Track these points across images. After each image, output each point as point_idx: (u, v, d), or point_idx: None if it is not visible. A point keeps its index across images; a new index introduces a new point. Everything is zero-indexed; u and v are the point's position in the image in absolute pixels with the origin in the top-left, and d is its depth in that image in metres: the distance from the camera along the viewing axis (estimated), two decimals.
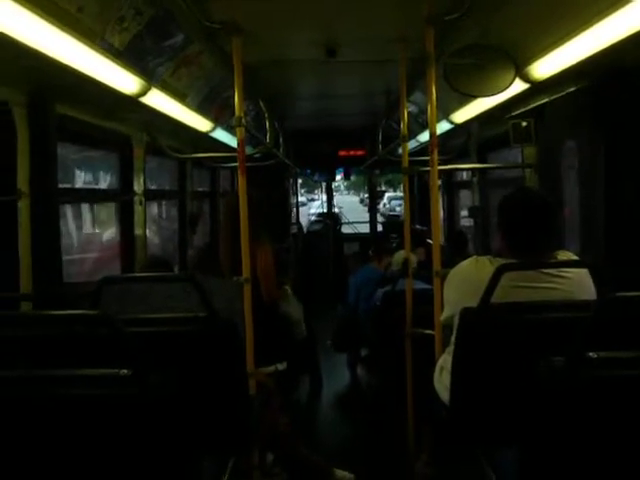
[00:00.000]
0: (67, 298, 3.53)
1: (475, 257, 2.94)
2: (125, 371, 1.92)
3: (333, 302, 8.08)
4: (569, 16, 2.89)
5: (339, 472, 4.15)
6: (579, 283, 2.73)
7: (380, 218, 14.77)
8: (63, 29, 2.52)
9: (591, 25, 2.73)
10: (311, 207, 24.57)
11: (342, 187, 49.97)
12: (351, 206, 29.14)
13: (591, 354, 1.93)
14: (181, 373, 2.07)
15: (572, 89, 3.65)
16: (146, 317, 2.65)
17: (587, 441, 1.99)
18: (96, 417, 1.94)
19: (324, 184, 12.45)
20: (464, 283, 2.87)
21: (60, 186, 3.68)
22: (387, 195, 32.67)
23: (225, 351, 2.64)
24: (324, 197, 12.43)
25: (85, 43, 2.73)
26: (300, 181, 13.61)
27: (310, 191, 35.69)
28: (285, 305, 4.55)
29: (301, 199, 13.67)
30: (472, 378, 2.59)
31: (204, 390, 2.48)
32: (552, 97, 3.92)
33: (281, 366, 4.05)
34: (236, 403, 2.69)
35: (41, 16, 2.35)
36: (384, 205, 31.23)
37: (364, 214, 15.79)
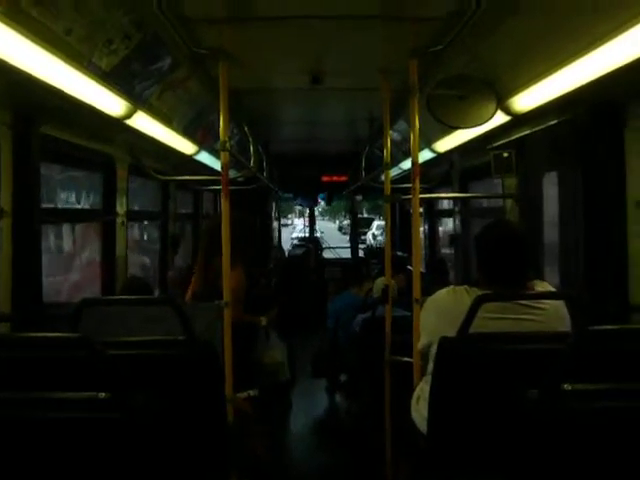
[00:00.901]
0: (46, 319, 3.51)
1: (452, 287, 2.96)
2: (103, 394, 1.92)
3: (314, 327, 8.07)
4: (551, 51, 2.94)
5: None
6: (555, 314, 2.76)
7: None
8: (50, 51, 2.54)
9: (572, 60, 2.78)
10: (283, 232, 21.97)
11: (316, 212, 48.71)
12: (329, 233, 25.82)
13: (566, 386, 1.95)
14: (160, 396, 2.07)
15: (553, 122, 3.70)
16: (125, 340, 2.64)
17: (563, 471, 2.00)
18: (74, 440, 1.93)
19: (299, 208, 12.55)
20: (441, 312, 2.89)
21: (43, 206, 3.67)
22: (376, 224, 28.78)
23: (204, 375, 2.63)
24: (298, 221, 12.52)
25: (72, 65, 2.75)
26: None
27: (283, 216, 33.88)
28: (267, 348, 4.54)
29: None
30: (450, 407, 2.60)
31: (182, 414, 2.47)
32: (533, 129, 3.98)
33: (253, 392, 4.03)
34: (214, 428, 2.68)
35: (28, 37, 2.37)
36: (373, 237, 27.44)
37: (342, 243, 15.63)
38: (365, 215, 28.52)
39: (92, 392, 1.92)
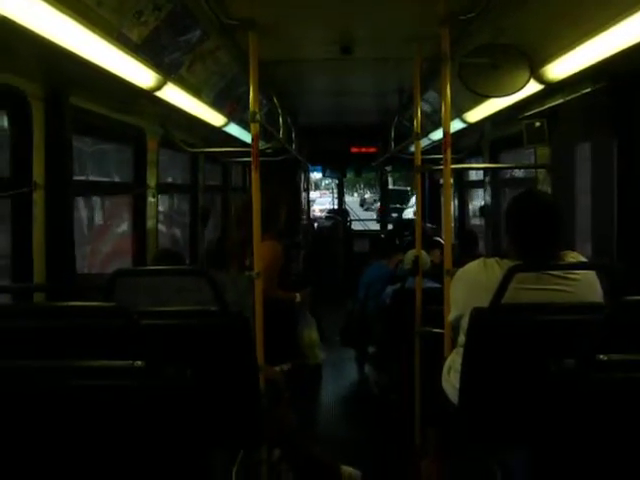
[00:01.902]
0: (80, 289, 3.55)
1: (483, 259, 2.94)
2: (139, 363, 1.94)
3: (343, 298, 8.09)
4: (586, 17, 2.89)
5: (346, 469, 4.16)
6: (586, 285, 2.74)
7: None
8: (81, 22, 2.53)
9: (608, 27, 2.73)
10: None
11: (333, 185, 46.70)
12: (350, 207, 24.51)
13: (602, 356, 1.94)
14: (193, 366, 2.09)
15: (587, 90, 3.64)
16: (158, 310, 2.67)
17: (596, 443, 2.00)
18: (109, 408, 1.96)
19: (316, 181, 12.59)
20: (472, 284, 2.88)
21: (75, 178, 3.70)
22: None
23: (236, 345, 2.65)
24: (315, 194, 12.53)
25: (103, 37, 2.74)
26: None
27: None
28: (303, 327, 4.58)
29: None
30: (481, 378, 2.60)
31: (215, 383, 2.49)
32: (567, 98, 3.91)
33: (286, 366, 4.06)
34: (246, 397, 2.70)
35: (59, 9, 2.36)
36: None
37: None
38: (395, 187, 26.97)
39: (128, 360, 1.95)
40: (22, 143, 3.26)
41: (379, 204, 14.23)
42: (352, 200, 39.53)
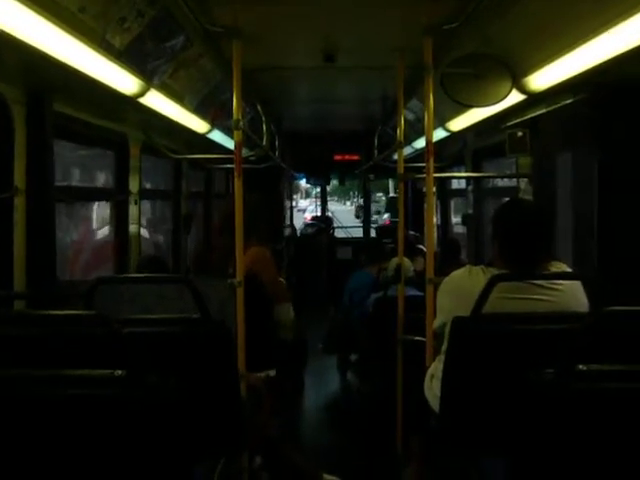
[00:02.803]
0: (60, 297, 3.53)
1: (469, 267, 2.95)
2: (120, 372, 1.93)
3: (326, 306, 8.09)
4: (567, 29, 2.91)
5: (328, 477, 4.15)
6: (571, 295, 2.75)
7: None
8: (64, 28, 2.52)
9: (589, 38, 2.75)
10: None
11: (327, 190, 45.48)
12: (340, 217, 21.68)
13: (581, 367, 1.95)
14: (174, 374, 2.08)
15: (568, 101, 3.67)
16: (139, 318, 2.66)
17: (576, 453, 2.00)
18: (89, 418, 1.94)
19: (305, 188, 12.57)
20: (457, 292, 2.89)
21: (56, 184, 3.68)
22: None
23: (218, 353, 2.64)
24: (304, 202, 12.52)
25: (86, 43, 2.73)
26: None
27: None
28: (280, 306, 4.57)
29: None
30: (463, 387, 2.61)
31: (197, 391, 2.48)
32: (548, 108, 3.95)
33: (272, 373, 4.06)
34: (227, 404, 2.69)
35: (42, 15, 2.35)
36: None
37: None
38: (390, 194, 24.78)
39: (108, 370, 1.93)
40: (3, 148, 3.24)
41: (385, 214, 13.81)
42: (344, 209, 37.26)
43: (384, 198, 28.74)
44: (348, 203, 42.11)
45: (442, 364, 2.79)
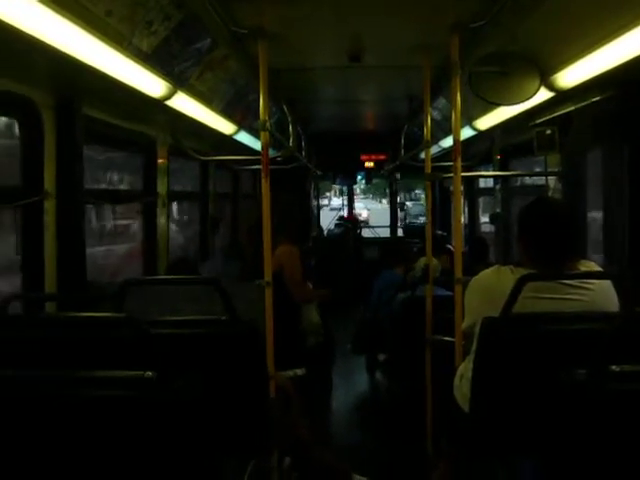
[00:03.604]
0: (91, 298, 3.56)
1: (497, 266, 2.92)
2: (150, 373, 1.94)
3: (353, 306, 8.08)
4: (596, 25, 2.88)
5: (357, 477, 4.14)
6: (601, 294, 2.71)
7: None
8: (91, 32, 2.55)
9: (618, 35, 2.72)
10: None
11: (358, 191, 45.11)
12: (378, 217, 21.42)
13: (614, 367, 1.92)
14: (203, 375, 2.09)
15: (598, 98, 3.63)
16: (169, 319, 2.67)
17: (608, 454, 1.98)
18: (119, 419, 1.96)
19: (338, 187, 12.50)
20: (486, 292, 2.86)
21: (85, 187, 3.72)
22: None
23: (247, 354, 2.65)
24: (337, 200, 12.45)
25: (113, 47, 2.76)
26: None
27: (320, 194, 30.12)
28: (306, 309, 4.59)
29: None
30: (492, 387, 2.59)
31: (226, 392, 2.49)
32: (577, 105, 3.91)
33: (300, 372, 4.06)
34: (257, 405, 2.70)
35: (70, 19, 2.38)
36: None
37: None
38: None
39: (138, 371, 1.95)
40: (33, 152, 3.28)
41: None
42: (379, 208, 35.67)
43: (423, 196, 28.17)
44: (384, 201, 41.21)
45: (471, 364, 2.77)
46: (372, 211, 31.68)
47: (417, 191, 30.70)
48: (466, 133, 5.52)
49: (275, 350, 3.46)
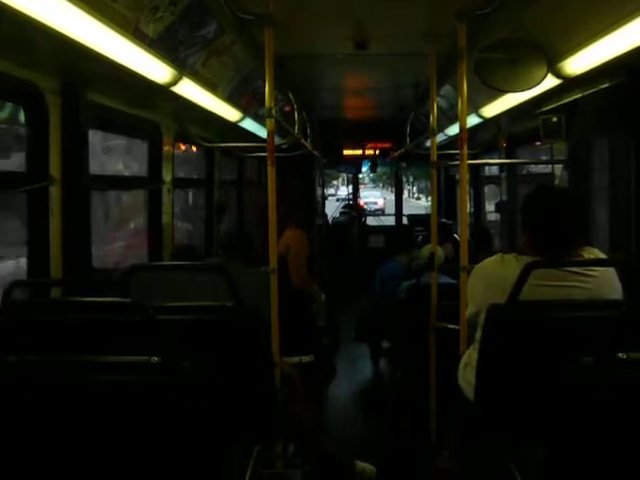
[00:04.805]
0: (96, 284, 3.57)
1: (501, 254, 2.92)
2: (155, 358, 1.94)
3: (358, 294, 8.09)
4: (603, 12, 2.86)
5: (360, 464, 4.16)
6: (605, 281, 2.71)
7: None
8: (97, 17, 2.53)
9: (626, 22, 2.70)
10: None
11: (367, 179, 44.82)
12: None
13: (620, 354, 1.92)
14: (209, 361, 2.09)
15: (605, 85, 3.61)
16: (174, 305, 2.68)
17: (614, 441, 1.98)
18: (125, 403, 1.96)
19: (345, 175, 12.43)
20: (490, 280, 2.86)
21: (91, 173, 3.72)
22: None
23: (252, 341, 2.66)
24: (344, 189, 12.41)
25: (119, 32, 2.75)
26: None
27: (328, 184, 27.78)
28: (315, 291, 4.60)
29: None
30: (498, 375, 2.59)
31: (231, 379, 2.50)
32: (584, 93, 3.88)
33: (306, 358, 4.06)
34: (262, 393, 2.71)
35: (75, 4, 2.37)
36: None
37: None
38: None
39: (145, 356, 1.95)
40: (38, 138, 3.27)
41: None
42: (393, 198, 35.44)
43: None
44: (405, 191, 40.22)
45: (476, 352, 2.77)
46: (388, 200, 31.44)
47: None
48: (472, 121, 5.49)
49: (282, 335, 3.46)
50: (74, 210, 3.40)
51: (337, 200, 22.91)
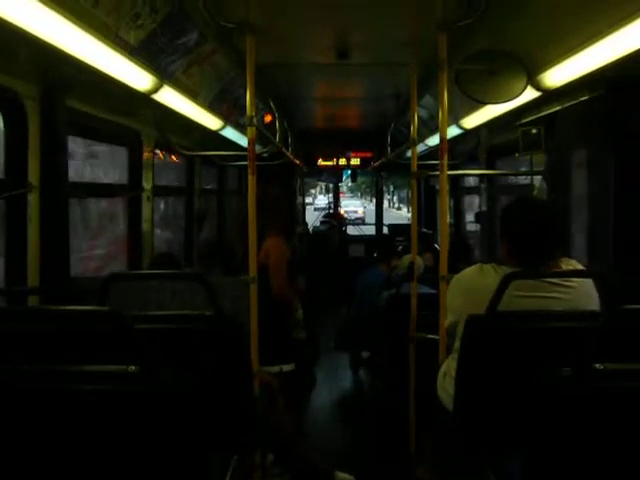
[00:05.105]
0: (74, 293, 3.54)
1: (480, 264, 2.93)
2: (133, 367, 1.92)
3: (338, 303, 8.09)
4: (583, 25, 2.89)
5: (340, 474, 4.14)
6: (583, 293, 2.72)
7: None
8: (77, 24, 2.52)
9: (605, 34, 2.73)
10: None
11: (345, 189, 44.68)
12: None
13: (598, 365, 1.93)
14: (187, 370, 2.08)
15: (584, 98, 3.65)
16: (153, 314, 2.66)
17: (592, 452, 1.99)
18: (102, 413, 1.94)
19: (324, 184, 12.48)
20: (468, 290, 2.87)
21: (70, 180, 3.69)
22: None
23: (231, 350, 2.64)
24: (323, 198, 12.46)
25: (99, 38, 2.74)
26: None
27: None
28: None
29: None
30: (477, 385, 2.59)
31: (209, 388, 2.48)
32: (564, 105, 3.92)
33: (286, 367, 4.05)
34: (240, 402, 2.69)
35: (55, 10, 2.36)
36: None
37: None
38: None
39: (122, 365, 1.93)
40: (17, 144, 3.24)
41: None
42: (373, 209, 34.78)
43: None
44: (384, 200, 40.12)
45: (455, 362, 2.77)
46: (367, 210, 31.89)
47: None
48: (453, 132, 5.52)
49: (262, 344, 3.44)
50: (52, 217, 3.37)
51: (315, 209, 22.73)
